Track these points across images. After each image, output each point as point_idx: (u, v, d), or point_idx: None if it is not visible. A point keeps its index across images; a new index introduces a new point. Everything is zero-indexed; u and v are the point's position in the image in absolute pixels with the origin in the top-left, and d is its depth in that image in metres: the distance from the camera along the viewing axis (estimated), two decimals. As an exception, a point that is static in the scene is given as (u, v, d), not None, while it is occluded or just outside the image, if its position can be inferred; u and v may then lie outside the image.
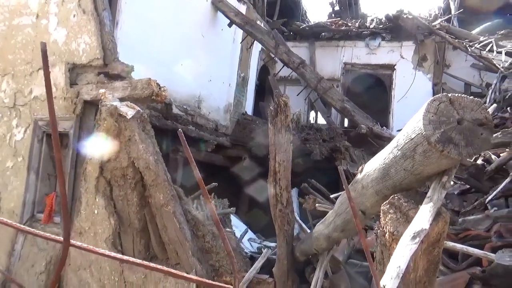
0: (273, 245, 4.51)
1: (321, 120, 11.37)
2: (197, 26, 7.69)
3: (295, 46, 10.92)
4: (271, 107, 3.21)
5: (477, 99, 1.46)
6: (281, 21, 11.38)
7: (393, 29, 10.70)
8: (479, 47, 9.23)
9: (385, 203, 1.68)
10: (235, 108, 9.16)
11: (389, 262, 1.31)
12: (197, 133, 7.14)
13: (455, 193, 3.96)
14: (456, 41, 9.68)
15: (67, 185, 4.41)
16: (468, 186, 3.97)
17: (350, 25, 11.44)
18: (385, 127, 8.58)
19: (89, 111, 4.57)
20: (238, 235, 5.07)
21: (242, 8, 9.01)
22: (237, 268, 3.55)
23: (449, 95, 1.45)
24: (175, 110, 6.74)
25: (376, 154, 1.96)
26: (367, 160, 2.12)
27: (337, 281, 3.35)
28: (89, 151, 4.03)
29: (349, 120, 9.04)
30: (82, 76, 4.72)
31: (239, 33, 9.01)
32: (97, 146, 3.83)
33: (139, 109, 3.76)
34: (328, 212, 2.94)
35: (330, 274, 3.44)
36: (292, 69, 8.38)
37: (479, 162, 4.09)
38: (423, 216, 1.40)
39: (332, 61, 11.15)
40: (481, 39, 9.48)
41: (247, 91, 9.87)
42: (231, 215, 5.79)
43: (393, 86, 10.59)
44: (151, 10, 6.17)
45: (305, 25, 11.93)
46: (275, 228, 3.41)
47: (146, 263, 0.66)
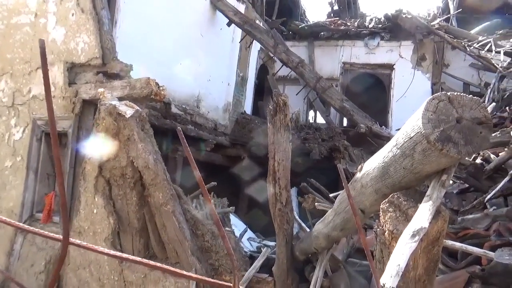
0: (272, 244, 4.51)
1: (320, 119, 11.37)
2: (196, 25, 7.68)
3: (294, 45, 10.93)
4: (270, 107, 3.21)
5: (476, 97, 1.46)
6: (280, 20, 11.37)
7: (392, 28, 10.71)
8: (478, 46, 9.24)
9: (384, 201, 1.68)
10: (234, 107, 9.15)
11: (389, 260, 1.31)
12: (196, 133, 7.14)
13: (454, 192, 3.97)
14: (455, 40, 9.69)
15: (66, 184, 4.40)
16: (467, 185, 3.98)
17: (349, 24, 11.44)
18: (384, 127, 8.59)
19: (88, 110, 4.57)
20: (237, 234, 5.07)
21: (241, 7, 9.00)
22: (237, 266, 3.55)
23: (448, 93, 1.45)
24: (174, 109, 6.74)
25: (375, 153, 1.96)
26: (366, 159, 2.12)
27: (337, 280, 3.35)
28: (88, 151, 4.02)
29: (348, 119, 9.04)
30: (80, 75, 4.72)
31: (238, 33, 9.00)
32: (96, 145, 3.82)
33: (138, 108, 3.76)
34: (327, 211, 2.94)
35: (329, 273, 3.44)
36: (291, 68, 8.38)
37: (478, 161, 4.09)
38: (423, 214, 1.40)
39: (331, 61, 11.16)
40: (480, 38, 9.49)
41: (246, 90, 9.87)
42: (231, 214, 5.79)
43: (392, 85, 10.60)
44: (150, 9, 6.16)
45: (304, 25, 11.93)
46: (274, 227, 3.41)
47: (146, 261, 0.66)
